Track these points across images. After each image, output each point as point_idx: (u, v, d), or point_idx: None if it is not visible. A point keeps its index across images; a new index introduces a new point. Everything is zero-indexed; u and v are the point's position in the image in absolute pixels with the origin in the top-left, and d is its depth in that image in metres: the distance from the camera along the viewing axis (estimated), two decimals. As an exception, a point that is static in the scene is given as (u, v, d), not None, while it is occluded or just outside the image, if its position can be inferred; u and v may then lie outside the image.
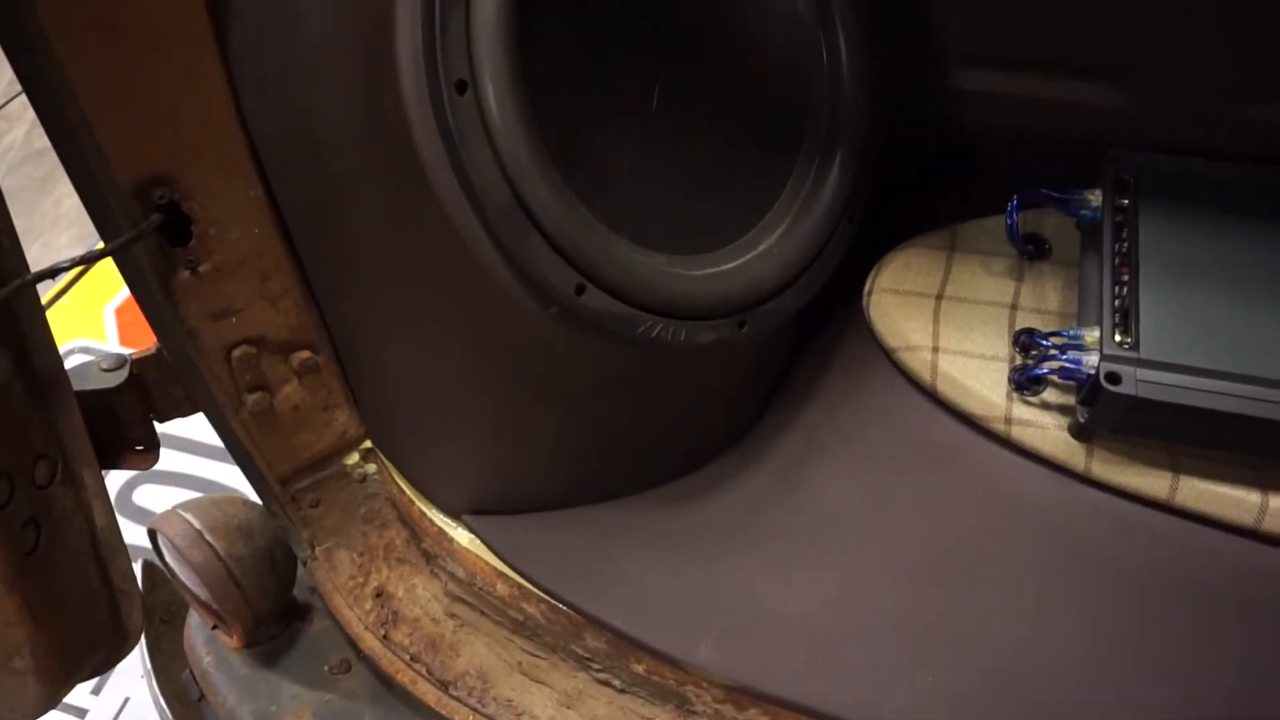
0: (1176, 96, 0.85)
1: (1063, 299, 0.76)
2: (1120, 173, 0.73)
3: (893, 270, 0.80)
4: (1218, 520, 0.67)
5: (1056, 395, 0.71)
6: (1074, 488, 0.70)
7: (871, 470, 0.76)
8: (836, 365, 0.82)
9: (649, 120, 0.71)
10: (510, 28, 0.57)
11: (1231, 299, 0.66)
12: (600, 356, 0.68)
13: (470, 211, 0.60)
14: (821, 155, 0.75)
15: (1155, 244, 0.68)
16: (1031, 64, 0.87)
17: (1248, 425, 0.63)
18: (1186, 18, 0.78)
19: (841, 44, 0.75)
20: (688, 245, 0.71)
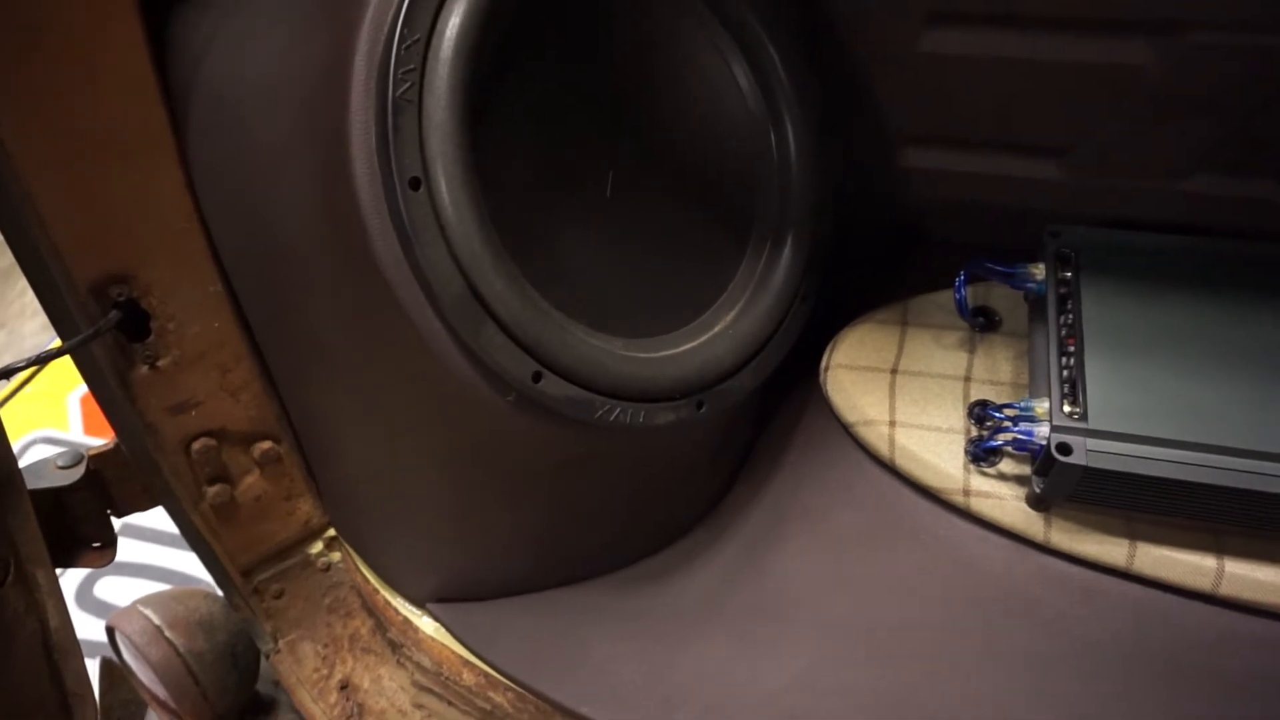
0: (1115, 173, 0.88)
1: (1014, 370, 0.77)
2: (1061, 247, 0.75)
3: (847, 346, 0.81)
4: (1176, 586, 0.68)
5: (1013, 466, 0.72)
6: (1034, 557, 0.71)
7: (835, 546, 0.76)
8: (798, 441, 0.83)
9: (604, 209, 0.72)
10: (462, 127, 0.59)
11: (1174, 368, 0.67)
12: (560, 442, 0.68)
13: (425, 304, 0.60)
14: (773, 238, 0.77)
15: (1098, 315, 0.70)
16: (975, 144, 0.91)
17: (1198, 492, 0.64)
18: (1120, 106, 0.82)
19: (789, 134, 0.77)
20: (645, 328, 0.72)
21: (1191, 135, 0.84)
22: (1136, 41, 0.78)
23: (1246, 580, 0.66)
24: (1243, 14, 0.74)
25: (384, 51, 0.58)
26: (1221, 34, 0.75)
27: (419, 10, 0.59)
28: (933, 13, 0.80)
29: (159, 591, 0.88)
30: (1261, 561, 0.67)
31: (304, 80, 0.61)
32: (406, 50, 0.58)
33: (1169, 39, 0.77)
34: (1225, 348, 0.68)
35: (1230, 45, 0.76)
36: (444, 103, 0.59)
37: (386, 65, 0.58)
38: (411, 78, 0.58)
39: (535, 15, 0.67)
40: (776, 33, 0.77)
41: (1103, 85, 0.82)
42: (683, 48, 0.75)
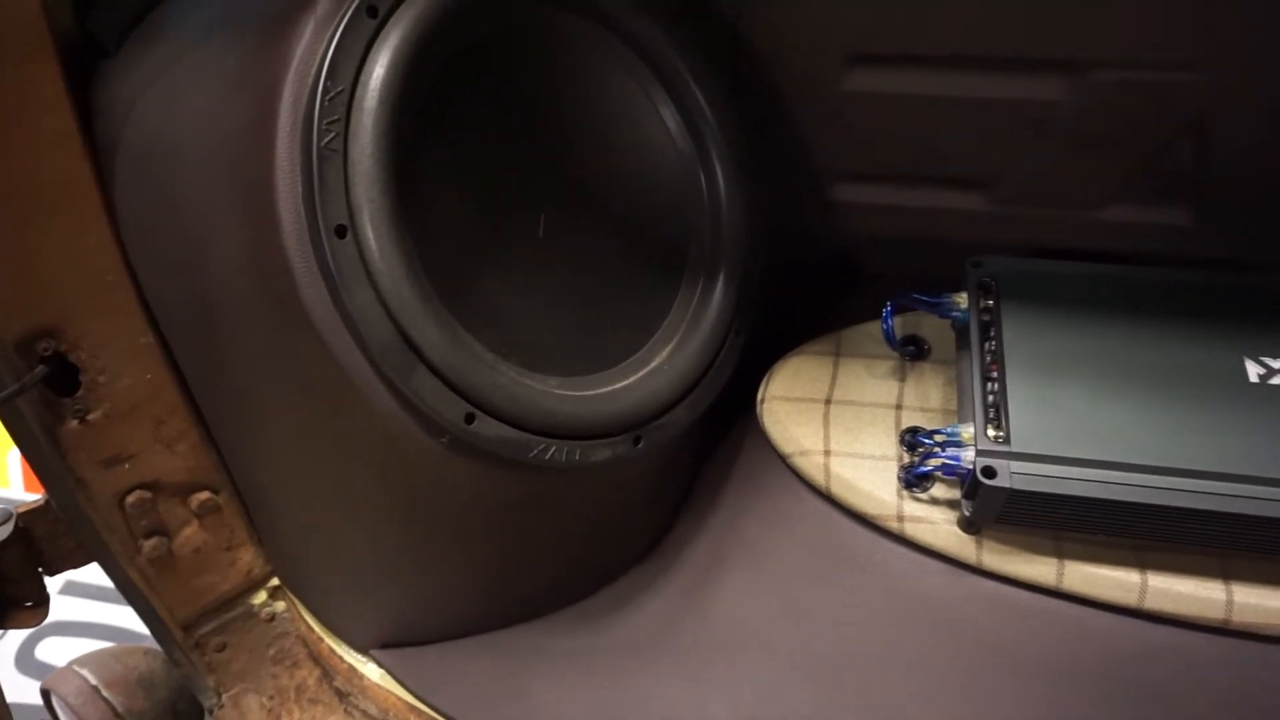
0: (1037, 203, 0.92)
1: (944, 396, 0.79)
2: (982, 276, 0.77)
3: (782, 378, 0.83)
4: (1104, 602, 0.70)
5: (944, 490, 0.73)
6: (967, 579, 0.72)
7: (776, 576, 0.77)
8: (738, 473, 0.84)
9: (537, 250, 0.74)
10: (387, 174, 0.60)
11: (1093, 390, 0.70)
12: (497, 483, 0.69)
13: (355, 350, 0.61)
14: (706, 274, 0.79)
15: (1019, 342, 0.72)
16: (903, 178, 0.94)
17: (1117, 509, 0.66)
18: (1037, 140, 0.86)
19: (718, 173, 0.79)
20: (580, 366, 0.73)
21: (1105, 167, 0.88)
22: (1048, 79, 0.82)
23: (1168, 594, 0.68)
24: (1138, 53, 0.78)
25: (308, 103, 0.59)
26: (1122, 71, 0.79)
27: (343, 62, 0.60)
28: (852, 54, 0.83)
29: (96, 650, 0.86)
30: (1182, 575, 0.69)
31: (231, 135, 0.62)
32: (330, 101, 0.59)
33: (1076, 77, 0.81)
34: (1140, 370, 0.70)
35: (1130, 82, 0.80)
36: (369, 151, 0.60)
37: (310, 116, 0.59)
38: (336, 128, 0.59)
39: (464, 62, 0.68)
40: (702, 76, 0.79)
41: (1020, 120, 0.85)
42: (612, 92, 0.77)
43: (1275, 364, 0.70)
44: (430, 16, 0.63)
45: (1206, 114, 0.80)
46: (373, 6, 0.61)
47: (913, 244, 0.97)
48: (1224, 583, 0.68)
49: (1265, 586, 0.68)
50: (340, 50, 0.60)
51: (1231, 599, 0.68)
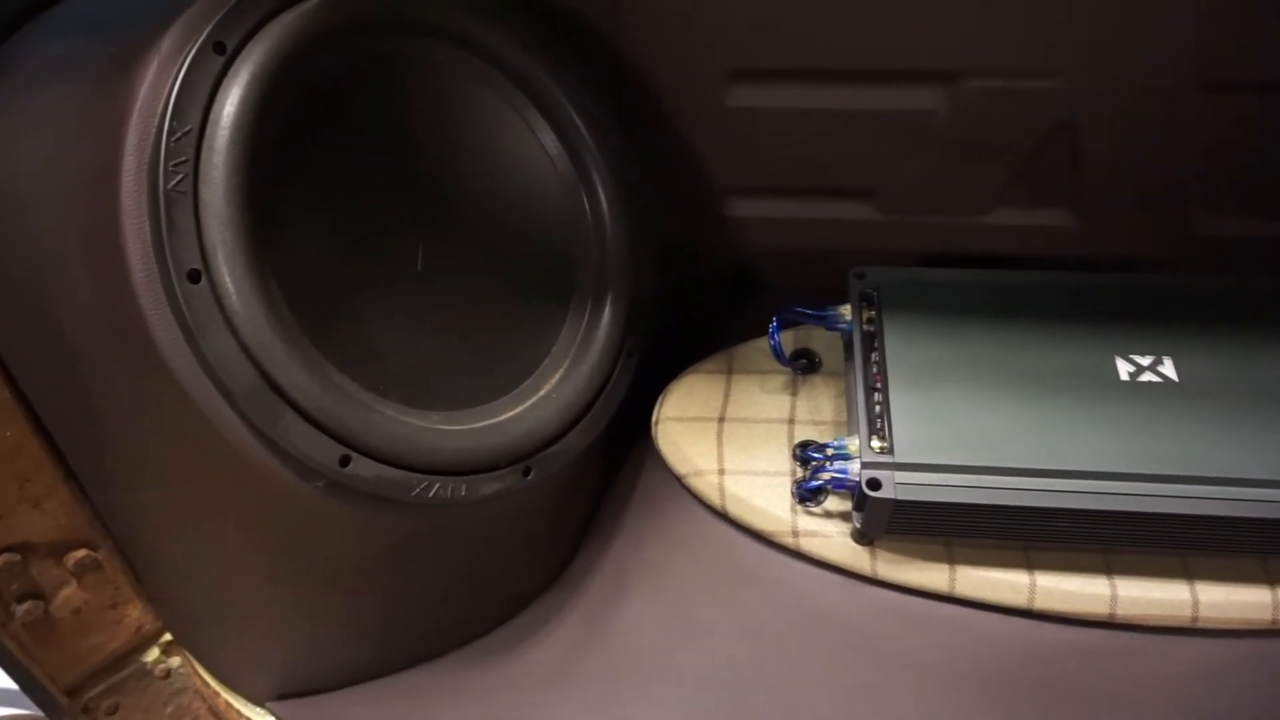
0: (923, 211, 0.93)
1: (835, 408, 0.80)
2: (865, 288, 0.78)
3: (675, 398, 0.82)
4: (996, 605, 0.70)
5: (837, 503, 0.74)
6: (864, 590, 0.72)
7: (677, 599, 0.76)
8: (639, 496, 0.83)
9: (416, 283, 0.72)
10: (242, 215, 0.58)
11: (974, 397, 0.71)
12: (380, 524, 0.67)
13: (217, 397, 0.59)
14: (594, 298, 0.78)
15: (901, 352, 0.73)
16: (793, 191, 0.95)
17: (1000, 513, 0.66)
18: (919, 149, 0.87)
19: (600, 196, 0.79)
20: (464, 399, 0.71)
21: (986, 173, 0.89)
22: (925, 90, 0.84)
23: (1056, 592, 0.69)
24: (1006, 63, 0.80)
25: (153, 145, 0.57)
26: (992, 80, 0.81)
27: (189, 101, 0.58)
28: (734, 71, 0.84)
29: (-23, 722, 0.82)
30: (1068, 573, 0.70)
31: (75, 180, 0.59)
32: (177, 142, 0.57)
33: (951, 87, 0.82)
34: (1018, 374, 0.72)
35: (1001, 90, 0.81)
36: (221, 192, 0.58)
37: (156, 158, 0.56)
38: (184, 169, 0.57)
39: (327, 95, 0.67)
40: (579, 98, 0.78)
41: (901, 131, 0.87)
42: (487, 119, 0.76)
43: (1144, 361, 0.72)
44: (283, 51, 0.61)
45: (1074, 118, 0.83)
46: (220, 43, 0.60)
47: (807, 255, 0.98)
48: (1108, 578, 0.70)
49: (1146, 579, 0.69)
50: (186, 89, 0.58)
51: (1115, 593, 0.69)
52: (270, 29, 0.62)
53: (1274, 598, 0.68)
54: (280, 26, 0.62)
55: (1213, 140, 0.83)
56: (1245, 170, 0.86)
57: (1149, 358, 0.72)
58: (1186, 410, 0.69)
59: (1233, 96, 0.80)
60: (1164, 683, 0.69)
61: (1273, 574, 0.69)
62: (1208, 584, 0.69)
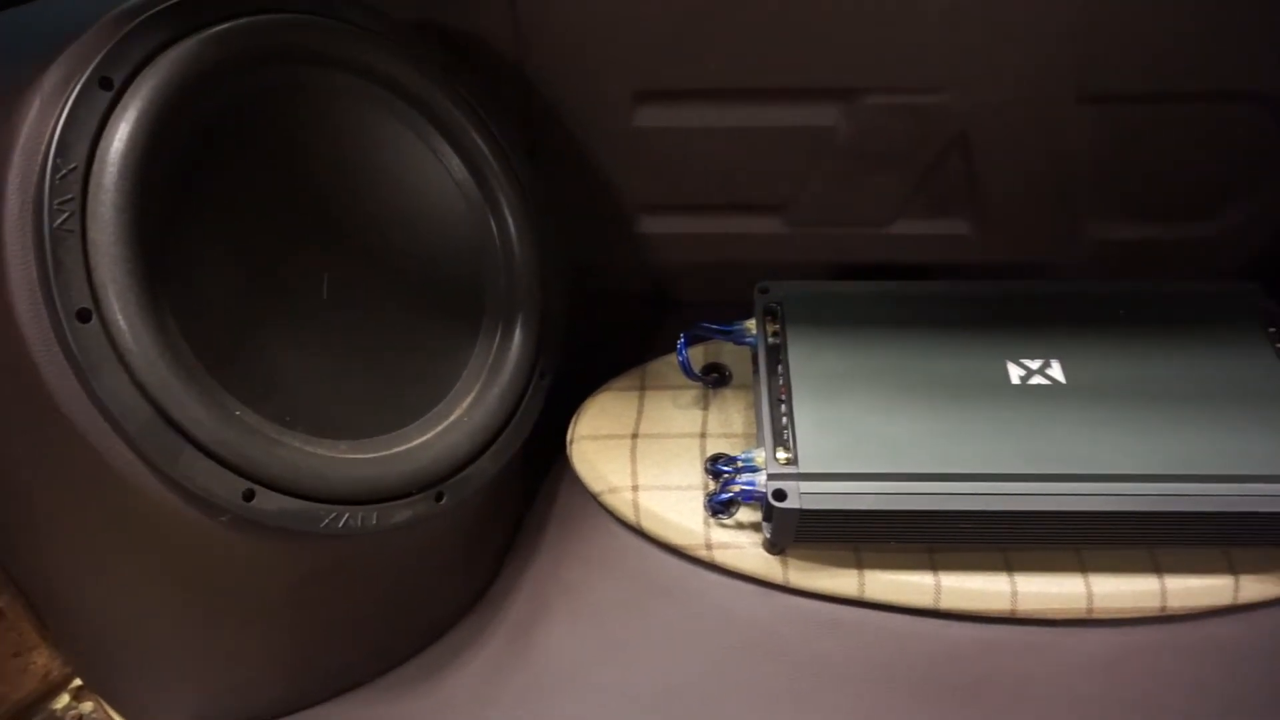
0: (830, 223, 0.96)
1: (746, 421, 0.82)
2: (769, 302, 0.80)
3: (589, 417, 0.83)
4: (904, 606, 0.73)
5: (749, 514, 0.75)
6: (777, 598, 0.74)
7: (597, 616, 0.77)
8: (556, 516, 0.84)
9: (322, 313, 0.72)
10: (133, 251, 0.57)
11: (873, 405, 0.73)
12: (289, 557, 0.66)
13: (113, 436, 0.58)
14: (504, 321, 0.79)
15: (804, 364, 0.75)
16: (704, 207, 0.96)
17: (903, 518, 0.69)
18: (822, 164, 0.89)
19: (508, 219, 0.79)
20: (374, 427, 0.71)
21: (887, 185, 0.92)
22: (825, 106, 0.86)
23: (960, 591, 0.72)
24: (899, 80, 0.82)
25: (37, 183, 0.56)
26: (887, 96, 0.84)
27: (75, 138, 0.57)
28: (638, 92, 0.85)
29: (-124, 782, 0.79)
30: (971, 572, 0.72)
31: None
32: (62, 180, 0.56)
33: (849, 103, 0.85)
34: (916, 382, 0.74)
35: (897, 105, 0.84)
36: (110, 230, 0.57)
37: (40, 197, 0.56)
38: (70, 207, 0.56)
39: (224, 127, 0.66)
40: (483, 123, 0.79)
41: (804, 146, 0.89)
42: (390, 147, 0.76)
43: (1033, 364, 0.75)
44: (173, 85, 0.61)
45: (967, 131, 0.86)
46: (106, 78, 0.59)
47: (720, 269, 1.00)
48: (1008, 575, 0.72)
49: (1044, 574, 0.72)
50: (71, 125, 0.57)
51: (1016, 589, 0.72)
52: (160, 63, 0.61)
53: (1161, 586, 0.72)
54: (170, 60, 0.61)
55: (1096, 149, 0.87)
56: (1129, 177, 0.90)
57: (1038, 361, 0.75)
58: (1073, 411, 0.72)
59: (1110, 108, 0.84)
60: (1064, 672, 0.72)
61: (1160, 564, 0.73)
62: (1101, 576, 0.72)
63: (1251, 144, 0.86)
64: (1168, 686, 0.71)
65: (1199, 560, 0.73)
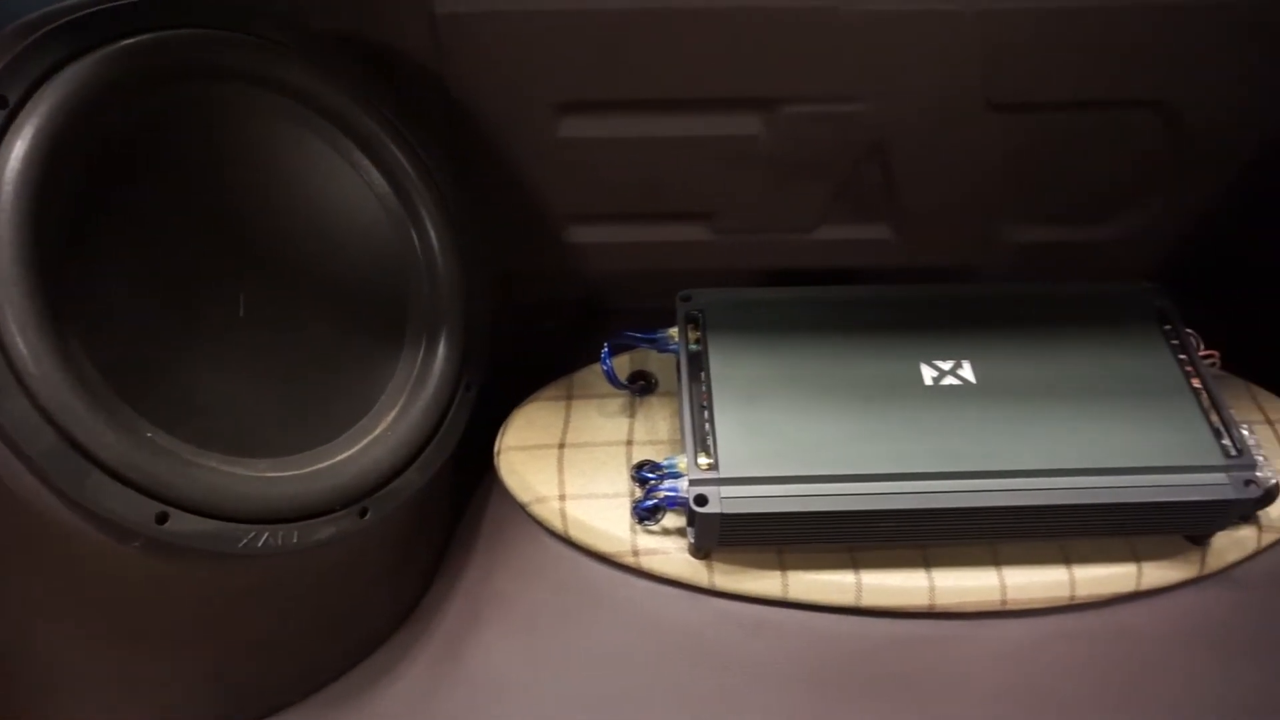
0: (755, 230, 0.97)
1: (671, 428, 0.83)
2: (690, 310, 0.81)
3: (516, 427, 0.83)
4: (827, 605, 0.74)
5: (675, 520, 0.76)
6: (704, 602, 0.75)
7: (529, 627, 0.77)
8: (486, 527, 0.84)
9: (239, 329, 0.71)
10: (33, 275, 0.56)
11: (792, 409, 0.74)
12: (209, 578, 0.65)
13: (17, 463, 0.57)
14: (428, 334, 0.79)
15: (725, 370, 0.76)
16: (631, 216, 0.97)
17: (822, 519, 0.70)
18: (746, 172, 0.91)
19: (430, 232, 0.79)
20: (296, 444, 0.70)
21: (809, 192, 0.94)
22: (745, 116, 0.87)
23: (880, 589, 0.74)
24: (815, 90, 0.84)
25: (-71, 205, 0.55)
26: (806, 106, 0.86)
27: (-32, 158, 0.56)
28: (561, 104, 0.86)
29: None
30: (890, 570, 0.74)
31: None
32: (-44, 201, 0.55)
33: (769, 112, 0.86)
34: (834, 385, 0.76)
35: (815, 114, 0.86)
36: (7, 252, 0.56)
37: (-68, 220, 0.54)
38: (-35, 229, 0.55)
39: (131, 144, 0.65)
40: (403, 137, 0.79)
41: (727, 155, 0.90)
42: (308, 162, 0.76)
43: (945, 365, 0.77)
44: (73, 102, 0.60)
45: (884, 139, 0.88)
46: (1, 96, 0.58)
47: (648, 278, 1.01)
48: (926, 571, 0.74)
49: (959, 569, 0.75)
50: (-36, 146, 0.56)
51: (934, 585, 0.74)
52: (58, 80, 0.60)
53: (1070, 576, 0.74)
54: (69, 77, 0.60)
55: (1008, 155, 0.90)
56: (1039, 182, 0.93)
57: (950, 362, 0.77)
58: (983, 410, 0.74)
59: (1020, 116, 0.87)
60: (982, 663, 0.74)
61: (1069, 554, 0.75)
62: (1013, 569, 0.75)
63: (1151, 151, 0.90)
64: (1078, 672, 0.74)
65: (1105, 550, 0.75)
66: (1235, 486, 0.71)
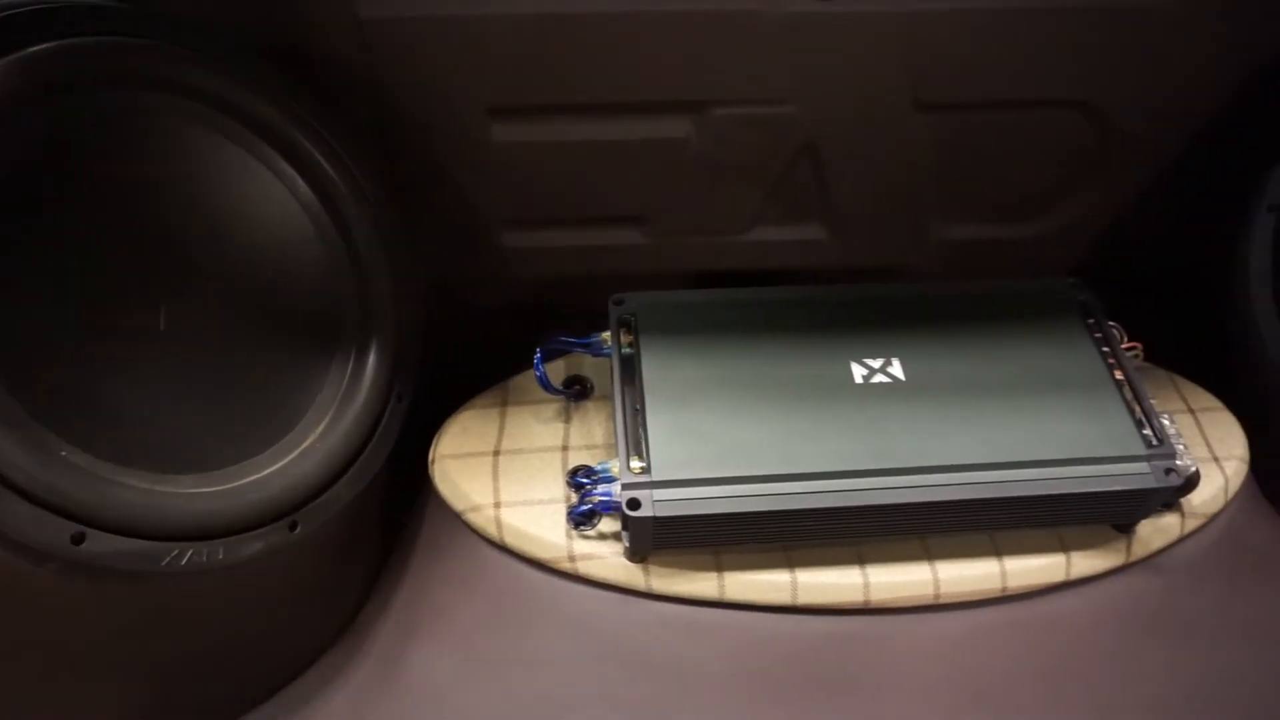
0: (689, 232, 0.98)
1: (607, 432, 0.83)
2: (623, 314, 0.81)
3: (451, 436, 0.83)
4: (764, 605, 0.75)
5: (611, 524, 0.76)
6: (641, 605, 0.75)
7: (466, 635, 0.77)
8: (422, 537, 0.83)
9: (162, 344, 0.69)
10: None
11: (725, 411, 0.75)
12: (132, 599, 0.64)
13: (-80, 485, 0.55)
14: (358, 343, 0.78)
15: (658, 374, 0.77)
16: (566, 220, 0.97)
17: (756, 520, 0.71)
18: (678, 175, 0.91)
19: (358, 240, 0.78)
20: (223, 458, 0.69)
21: (742, 193, 0.95)
22: (676, 119, 0.88)
23: (815, 586, 0.74)
24: (744, 93, 0.85)
25: None
26: (735, 109, 0.86)
27: None
28: (492, 109, 0.85)
29: None
30: (825, 568, 0.75)
31: None
32: None
33: (699, 115, 0.87)
34: (766, 386, 0.76)
35: (745, 117, 0.87)
36: (-96, 269, 0.54)
37: None
38: None
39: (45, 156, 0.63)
40: (329, 145, 0.78)
41: (660, 158, 0.91)
42: (233, 173, 0.74)
43: (875, 364, 0.78)
44: (-24, 112, 0.58)
45: (814, 140, 0.89)
46: (-103, 109, 0.56)
47: (585, 281, 1.01)
48: (860, 568, 0.75)
49: (893, 564, 0.76)
50: None
51: (868, 581, 0.75)
52: (-42, 90, 0.59)
53: (1001, 568, 0.76)
54: (-32, 88, 0.59)
55: (936, 155, 0.92)
56: (967, 181, 0.95)
57: (880, 360, 0.78)
58: (913, 406, 0.75)
59: (946, 116, 0.88)
60: (917, 657, 0.75)
61: (999, 547, 0.77)
62: (946, 563, 0.76)
63: (1074, 149, 0.92)
64: (1012, 661, 0.75)
65: (1034, 541, 0.77)
66: (1156, 475, 0.72)
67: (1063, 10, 0.80)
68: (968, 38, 0.82)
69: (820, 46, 0.82)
